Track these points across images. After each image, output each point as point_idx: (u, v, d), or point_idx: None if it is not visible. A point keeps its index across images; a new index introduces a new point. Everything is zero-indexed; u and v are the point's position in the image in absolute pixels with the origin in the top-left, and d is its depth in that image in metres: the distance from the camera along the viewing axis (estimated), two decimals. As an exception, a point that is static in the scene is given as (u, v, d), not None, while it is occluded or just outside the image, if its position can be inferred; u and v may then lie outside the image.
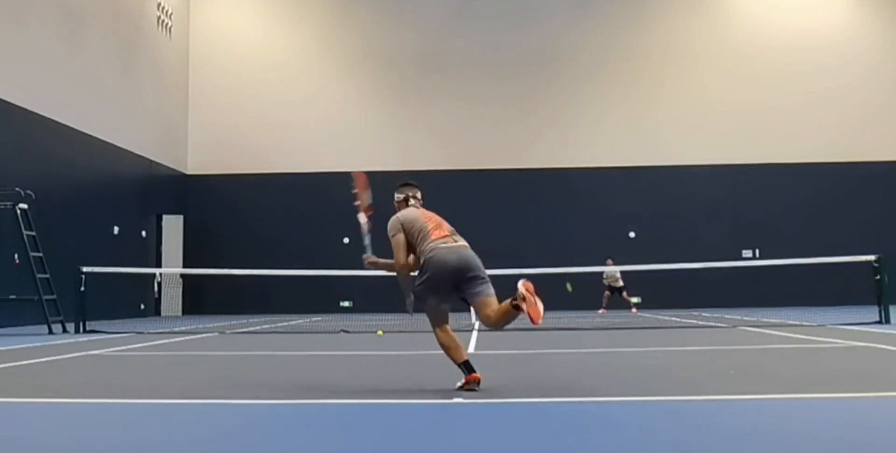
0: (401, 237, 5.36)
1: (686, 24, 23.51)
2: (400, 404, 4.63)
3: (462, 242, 5.33)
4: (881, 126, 22.75)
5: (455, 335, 5.21)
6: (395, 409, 4.49)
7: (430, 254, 5.20)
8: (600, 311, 19.86)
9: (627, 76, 23.23)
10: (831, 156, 22.42)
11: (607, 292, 20.29)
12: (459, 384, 5.04)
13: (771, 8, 23.51)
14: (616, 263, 18.68)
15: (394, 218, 5.48)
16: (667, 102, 23.04)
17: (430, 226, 5.35)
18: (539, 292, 4.86)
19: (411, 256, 5.37)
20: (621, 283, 20.15)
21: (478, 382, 5.00)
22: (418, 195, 5.70)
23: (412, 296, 5.40)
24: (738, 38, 23.35)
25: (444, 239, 5.26)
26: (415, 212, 5.50)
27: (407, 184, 5.77)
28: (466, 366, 5.07)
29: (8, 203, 13.10)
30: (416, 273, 5.35)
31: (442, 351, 5.22)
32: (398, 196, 5.69)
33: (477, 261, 5.25)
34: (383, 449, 3.39)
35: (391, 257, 5.40)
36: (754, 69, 23.06)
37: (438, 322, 5.23)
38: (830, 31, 23.23)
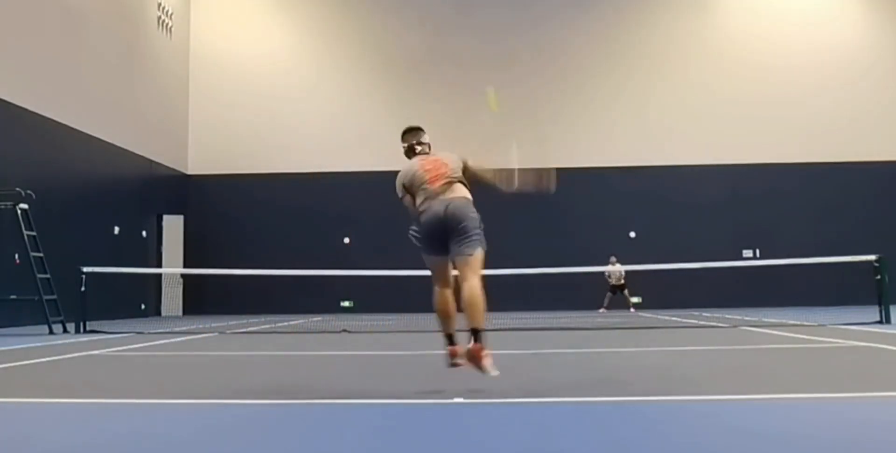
0: (408, 199, 5.21)
1: (687, 24, 23.51)
2: (400, 404, 4.63)
3: (457, 194, 5.05)
4: (881, 126, 22.75)
5: (452, 303, 5.06)
6: (394, 409, 4.49)
7: (422, 208, 5.03)
8: (601, 310, 19.88)
9: (628, 76, 23.23)
10: (831, 156, 22.43)
11: (609, 292, 20.33)
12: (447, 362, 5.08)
13: (773, 9, 23.51)
14: (619, 261, 18.73)
15: (397, 178, 5.27)
16: (667, 102, 23.05)
17: (427, 176, 5.08)
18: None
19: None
20: (623, 282, 20.20)
21: (455, 355, 4.97)
22: (423, 138, 5.44)
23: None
24: (740, 37, 23.36)
25: (438, 192, 5.01)
26: (412, 166, 5.22)
27: (408, 131, 5.51)
28: (448, 339, 5.07)
29: (8, 203, 13.09)
30: None
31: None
32: (403, 146, 5.48)
33: (465, 212, 4.96)
34: (383, 449, 3.39)
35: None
36: (755, 70, 23.07)
37: (435, 279, 5.13)
38: (830, 33, 23.24)
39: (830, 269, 18.04)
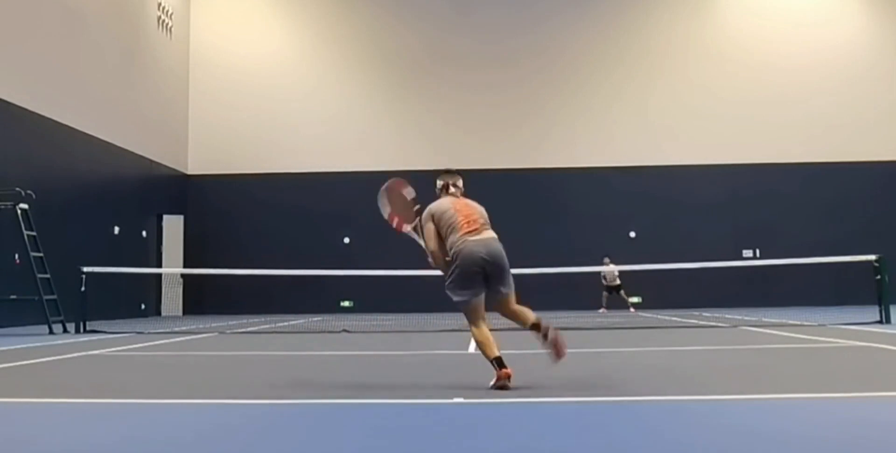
0: (431, 227, 5.49)
1: (687, 25, 23.51)
2: (400, 404, 4.63)
3: (491, 234, 5.43)
4: (881, 126, 22.75)
5: (489, 333, 5.27)
6: (395, 409, 4.49)
7: (459, 247, 5.31)
8: (601, 311, 19.88)
9: (628, 77, 23.23)
10: (831, 156, 22.42)
11: (605, 292, 20.28)
12: (492, 383, 5.09)
13: (773, 9, 23.52)
14: (613, 262, 18.73)
15: (427, 208, 5.61)
16: (667, 102, 23.05)
17: (460, 218, 5.43)
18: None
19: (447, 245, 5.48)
20: (618, 282, 20.15)
21: (508, 378, 5.04)
22: (459, 183, 5.80)
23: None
24: (740, 37, 23.35)
25: (473, 231, 5.36)
26: (447, 203, 5.57)
27: (447, 172, 5.90)
28: (498, 362, 5.12)
29: (8, 203, 13.10)
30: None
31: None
32: (439, 183, 5.80)
33: (503, 255, 5.37)
34: (383, 449, 3.39)
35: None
36: (755, 70, 23.06)
37: (474, 319, 5.32)
38: (830, 33, 23.23)
39: (830, 269, 18.06)
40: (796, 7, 23.45)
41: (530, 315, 5.31)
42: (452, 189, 5.74)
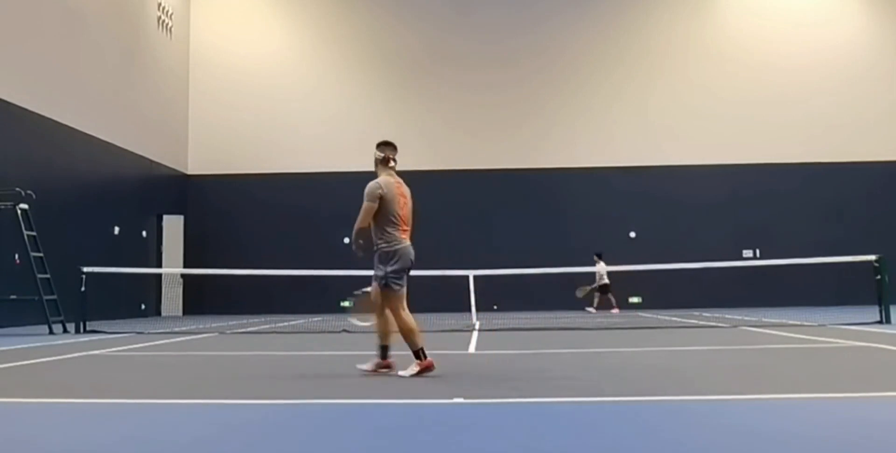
0: (374, 206, 5.87)
1: (687, 25, 23.51)
2: (400, 404, 4.63)
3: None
4: (881, 126, 22.75)
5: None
6: (394, 409, 4.50)
7: (399, 246, 5.88)
8: (613, 311, 19.68)
9: (628, 77, 23.23)
10: (831, 156, 22.43)
11: (598, 293, 20.02)
12: (411, 371, 5.72)
13: (773, 9, 23.52)
14: (604, 260, 18.77)
15: (375, 185, 5.92)
16: (667, 102, 23.05)
17: (402, 215, 5.96)
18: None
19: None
20: (606, 281, 19.90)
21: (432, 367, 5.71)
22: (396, 157, 6.21)
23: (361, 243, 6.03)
24: (740, 37, 23.35)
25: (406, 236, 5.99)
26: (394, 190, 5.97)
27: (388, 144, 6.23)
28: (423, 353, 5.77)
29: (8, 203, 13.10)
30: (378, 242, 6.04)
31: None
32: (378, 154, 6.14)
33: None
34: (383, 449, 3.39)
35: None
36: (755, 70, 23.07)
37: (401, 306, 5.89)
38: (830, 33, 23.23)
39: (830, 269, 18.07)
40: (796, 7, 23.45)
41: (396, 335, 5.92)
42: (392, 163, 6.13)
